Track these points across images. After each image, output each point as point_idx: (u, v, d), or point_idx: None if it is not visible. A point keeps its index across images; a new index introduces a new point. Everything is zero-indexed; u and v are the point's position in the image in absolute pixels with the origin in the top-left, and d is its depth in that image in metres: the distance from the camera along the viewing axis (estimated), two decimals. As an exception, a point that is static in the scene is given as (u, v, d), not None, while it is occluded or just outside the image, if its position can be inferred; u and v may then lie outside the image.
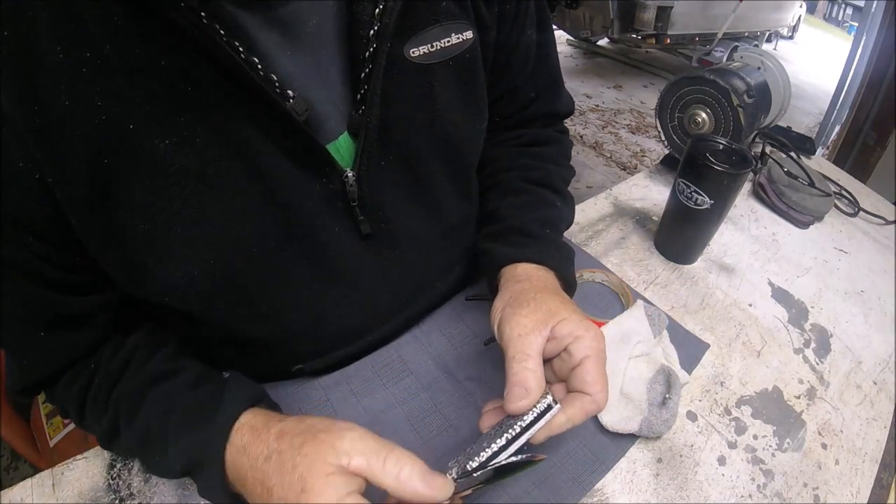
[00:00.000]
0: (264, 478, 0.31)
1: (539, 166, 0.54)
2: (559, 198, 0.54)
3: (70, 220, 0.31)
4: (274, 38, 0.33)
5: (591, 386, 0.37)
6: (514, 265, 0.46)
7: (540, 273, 0.45)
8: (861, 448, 0.49)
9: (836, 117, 1.87)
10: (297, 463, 0.30)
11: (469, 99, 0.44)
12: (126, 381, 0.38)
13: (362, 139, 0.38)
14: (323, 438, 0.30)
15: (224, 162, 0.33)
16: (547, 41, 0.52)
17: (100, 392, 0.38)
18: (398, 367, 0.50)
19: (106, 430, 0.38)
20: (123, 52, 0.28)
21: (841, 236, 0.78)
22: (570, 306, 0.41)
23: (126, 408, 0.37)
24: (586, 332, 0.38)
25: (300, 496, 0.29)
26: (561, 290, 0.44)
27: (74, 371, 0.39)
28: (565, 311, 0.40)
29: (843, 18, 12.17)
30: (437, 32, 0.39)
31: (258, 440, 0.33)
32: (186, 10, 0.28)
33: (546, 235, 0.49)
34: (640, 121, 3.57)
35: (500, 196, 0.53)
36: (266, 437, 0.32)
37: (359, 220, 0.41)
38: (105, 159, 0.30)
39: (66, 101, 0.28)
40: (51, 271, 0.34)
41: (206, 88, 0.31)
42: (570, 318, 0.39)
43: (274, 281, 0.40)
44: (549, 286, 0.44)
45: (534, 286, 0.43)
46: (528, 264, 0.46)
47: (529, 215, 0.50)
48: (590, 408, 0.37)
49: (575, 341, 0.38)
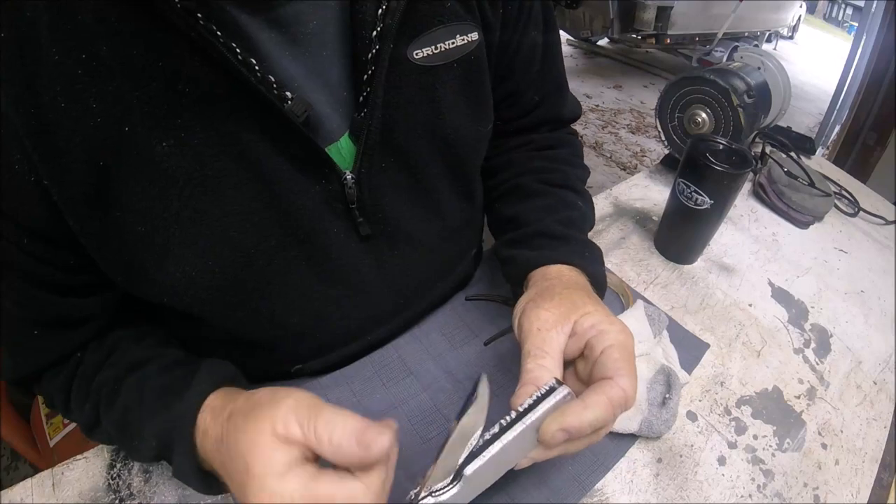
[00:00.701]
0: (221, 461, 0.30)
1: (555, 168, 0.53)
2: (580, 198, 0.52)
3: (69, 221, 0.31)
4: (274, 39, 0.33)
5: (615, 371, 0.33)
6: (543, 268, 0.44)
7: (570, 273, 0.43)
8: (861, 448, 0.49)
9: (836, 117, 1.87)
10: (238, 441, 0.28)
11: (473, 101, 0.44)
12: (108, 367, 0.38)
13: (363, 141, 0.38)
14: (263, 412, 0.28)
15: (222, 164, 0.33)
16: (552, 44, 0.51)
17: (83, 381, 0.38)
18: (398, 367, 0.50)
19: (88, 418, 0.38)
20: (121, 54, 0.28)
21: (841, 236, 0.78)
22: (597, 303, 0.39)
23: (106, 393, 0.36)
24: (611, 326, 0.35)
25: (245, 477, 0.27)
26: (591, 289, 0.42)
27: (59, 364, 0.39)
28: (591, 305, 0.37)
29: (843, 18, 12.18)
30: (441, 34, 0.39)
31: (215, 423, 0.32)
32: (183, 11, 0.28)
33: (572, 236, 0.47)
34: (640, 121, 3.57)
35: (519, 200, 0.52)
36: (221, 418, 0.31)
37: (358, 221, 0.41)
38: (102, 161, 0.30)
39: (64, 103, 0.28)
40: (49, 272, 0.34)
41: (204, 90, 0.31)
42: (594, 312, 0.36)
43: (273, 282, 0.39)
44: (578, 284, 0.42)
45: (562, 283, 0.41)
46: (557, 265, 0.44)
47: (552, 217, 0.48)
48: (614, 393, 0.32)
49: (598, 335, 0.35)
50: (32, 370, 0.38)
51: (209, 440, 0.32)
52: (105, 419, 0.37)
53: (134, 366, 0.37)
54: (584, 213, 0.52)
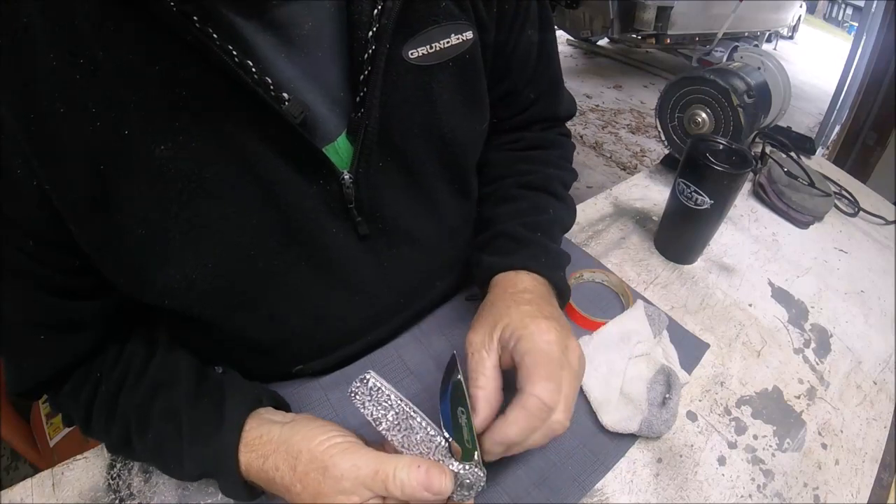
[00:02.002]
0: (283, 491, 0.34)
1: (536, 170, 0.53)
2: (554, 200, 0.53)
3: (69, 225, 0.31)
4: (270, 41, 0.33)
5: (526, 380, 0.33)
6: (502, 275, 0.45)
7: (526, 280, 0.44)
8: (861, 448, 0.49)
9: (836, 117, 1.87)
10: None
11: (469, 100, 0.44)
12: (128, 391, 0.38)
13: (360, 141, 0.38)
14: (327, 488, 0.32)
15: (220, 166, 0.33)
16: (548, 43, 0.51)
17: (104, 403, 0.38)
18: (398, 367, 0.50)
19: (116, 441, 0.39)
20: (117, 58, 0.28)
21: (841, 236, 0.78)
22: (520, 307, 0.38)
23: (136, 421, 0.37)
24: (525, 330, 0.35)
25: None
26: (534, 298, 0.42)
27: (77, 379, 0.39)
28: (512, 313, 0.37)
29: (843, 18, 12.17)
30: (436, 33, 0.39)
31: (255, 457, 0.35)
32: (179, 14, 0.28)
33: (533, 240, 0.47)
34: (640, 121, 3.57)
35: (495, 204, 0.52)
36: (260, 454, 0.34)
37: (356, 221, 0.41)
38: (101, 165, 0.30)
39: (61, 108, 0.28)
40: (50, 276, 0.34)
41: (201, 92, 0.31)
42: (512, 320, 0.36)
43: (273, 283, 0.39)
44: (527, 291, 0.42)
45: (506, 293, 0.41)
46: (512, 272, 0.44)
47: (517, 220, 0.49)
48: (529, 404, 0.33)
49: (516, 343, 0.35)
50: (36, 381, 0.38)
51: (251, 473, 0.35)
52: (138, 445, 0.38)
53: (156, 390, 0.38)
54: (555, 217, 0.51)
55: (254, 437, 0.35)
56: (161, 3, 0.27)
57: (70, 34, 0.27)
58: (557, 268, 0.47)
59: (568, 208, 0.55)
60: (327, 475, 0.32)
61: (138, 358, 0.40)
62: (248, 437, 0.35)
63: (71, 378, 0.39)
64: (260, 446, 0.35)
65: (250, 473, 0.35)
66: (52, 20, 0.27)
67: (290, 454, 0.33)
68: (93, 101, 0.28)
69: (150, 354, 0.40)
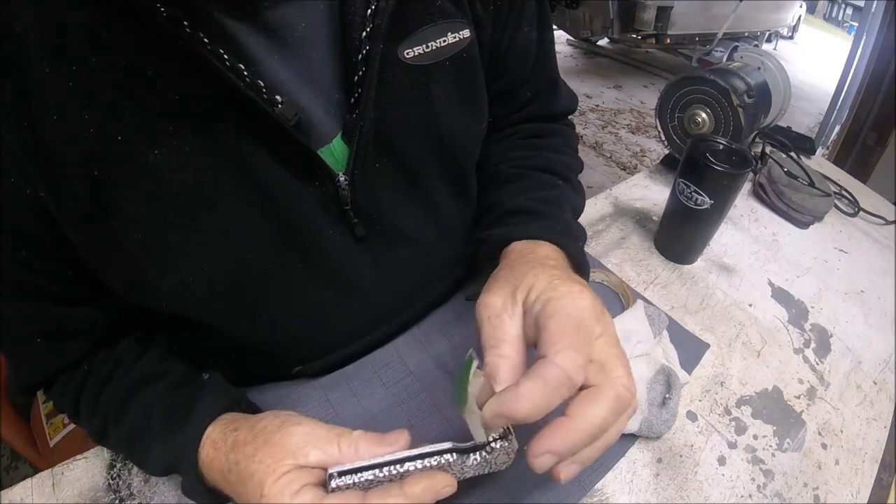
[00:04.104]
0: (232, 489, 0.33)
1: (535, 154, 0.52)
2: (559, 180, 0.50)
3: (68, 233, 0.31)
4: (263, 44, 0.33)
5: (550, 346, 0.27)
6: (511, 245, 0.41)
7: (542, 249, 0.39)
8: (861, 448, 0.49)
9: (836, 117, 1.87)
10: (253, 471, 0.31)
11: (467, 99, 0.43)
12: (115, 381, 0.38)
13: (355, 142, 0.37)
14: (275, 441, 0.31)
15: (215, 170, 0.33)
16: (546, 41, 0.50)
17: (91, 393, 0.39)
18: (398, 367, 0.50)
19: (96, 430, 0.39)
20: (110, 64, 0.28)
21: (841, 236, 0.78)
22: (548, 270, 0.33)
23: (114, 409, 0.37)
24: (554, 292, 0.30)
25: (261, 500, 0.30)
26: (558, 265, 0.37)
27: (69, 374, 0.39)
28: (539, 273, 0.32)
29: (843, 18, 12.17)
30: (432, 32, 0.38)
31: (218, 454, 0.34)
32: (169, 19, 0.28)
33: (546, 211, 0.44)
34: (640, 121, 3.57)
35: (497, 187, 0.50)
36: (224, 449, 0.33)
37: (353, 223, 0.41)
38: (98, 171, 0.30)
39: (55, 116, 0.28)
40: (49, 285, 0.34)
41: (194, 97, 0.30)
42: (538, 282, 0.31)
43: (271, 286, 0.39)
44: (546, 260, 0.37)
45: (524, 259, 0.37)
46: (525, 242, 0.40)
47: (525, 196, 0.46)
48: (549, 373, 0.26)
49: (542, 307, 0.30)
50: (36, 381, 0.39)
51: (214, 471, 0.34)
52: (113, 436, 0.38)
53: (139, 382, 0.38)
54: (564, 193, 0.48)
55: (219, 436, 0.34)
56: (151, 10, 0.27)
57: (62, 43, 0.27)
58: (576, 238, 0.43)
59: (575, 190, 0.50)
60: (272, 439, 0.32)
61: (131, 354, 0.40)
62: (214, 434, 0.35)
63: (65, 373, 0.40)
64: (223, 446, 0.34)
65: (213, 471, 0.34)
66: (44, 30, 0.27)
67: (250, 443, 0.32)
68: (86, 108, 0.28)
69: (142, 352, 0.41)
